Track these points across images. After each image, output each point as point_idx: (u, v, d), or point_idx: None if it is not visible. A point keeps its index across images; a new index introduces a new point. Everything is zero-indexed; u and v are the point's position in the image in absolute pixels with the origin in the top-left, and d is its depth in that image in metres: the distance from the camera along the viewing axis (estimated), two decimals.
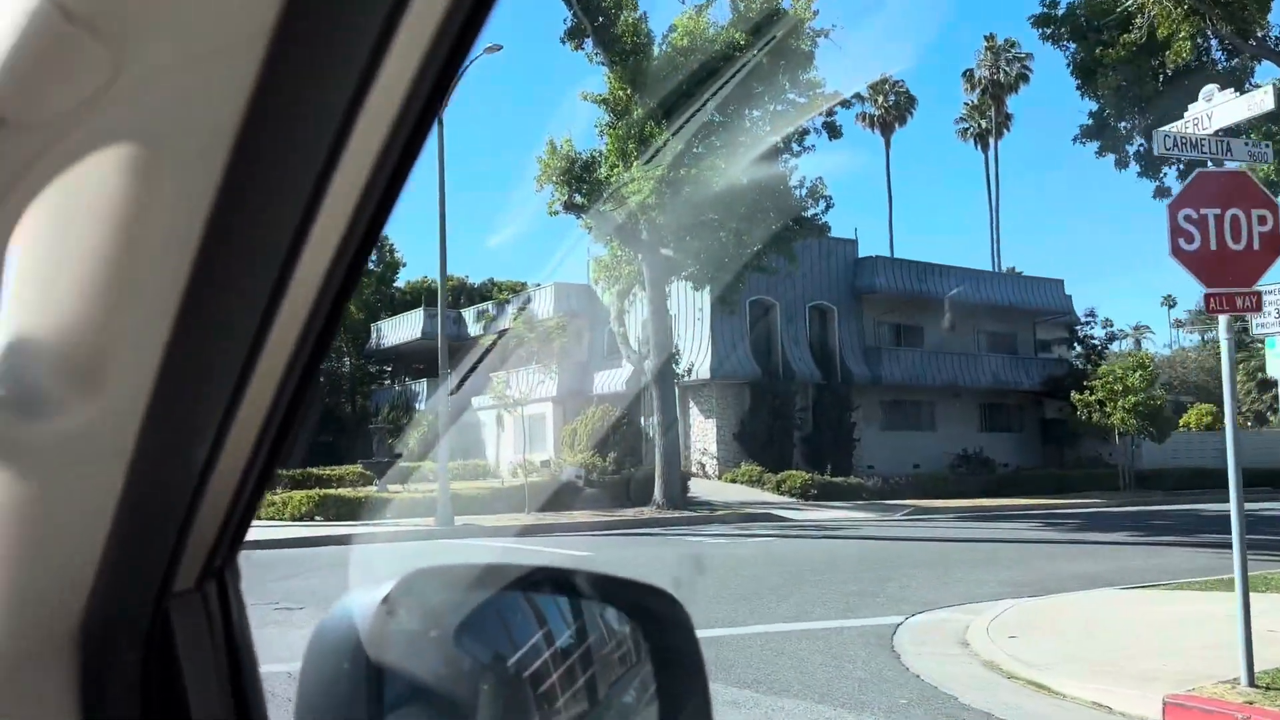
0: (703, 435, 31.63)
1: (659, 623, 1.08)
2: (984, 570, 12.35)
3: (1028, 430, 37.76)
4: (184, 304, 0.61)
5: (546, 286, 35.18)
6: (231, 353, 0.67)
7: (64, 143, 0.54)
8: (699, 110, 20.79)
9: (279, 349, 0.69)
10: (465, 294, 45.80)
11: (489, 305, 40.41)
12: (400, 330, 41.66)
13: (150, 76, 0.52)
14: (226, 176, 0.57)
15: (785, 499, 26.77)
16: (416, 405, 38.20)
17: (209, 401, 0.69)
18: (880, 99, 53.76)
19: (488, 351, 29.90)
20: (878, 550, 15.99)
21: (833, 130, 25.50)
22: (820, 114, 24.42)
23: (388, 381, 44.15)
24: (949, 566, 12.95)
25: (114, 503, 0.72)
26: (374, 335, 43.45)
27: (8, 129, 0.53)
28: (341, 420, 41.42)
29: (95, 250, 0.59)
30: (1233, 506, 5.94)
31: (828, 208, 25.25)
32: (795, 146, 24.83)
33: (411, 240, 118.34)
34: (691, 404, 31.67)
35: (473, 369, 27.64)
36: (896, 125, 55.86)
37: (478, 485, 26.34)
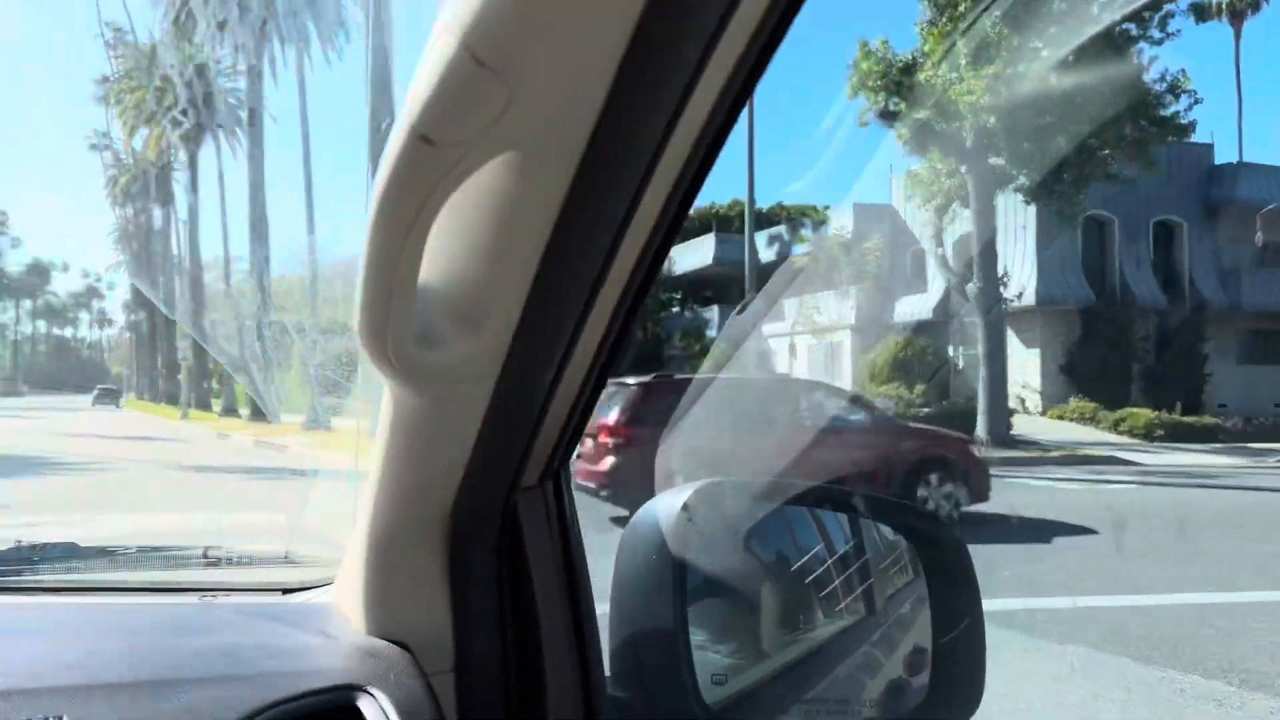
0: (1022, 367, 28.78)
1: (934, 544, 1.16)
2: None
3: None
4: (540, 266, 0.79)
5: (843, 208, 33.21)
6: (573, 302, 0.84)
7: (468, 157, 0.68)
8: None
9: (607, 302, 0.86)
10: (755, 219, 44.60)
11: (781, 229, 39.01)
12: (691, 257, 41.24)
13: (528, 104, 0.65)
14: (576, 171, 0.72)
15: (1126, 439, 23.73)
16: (708, 332, 37.75)
17: (556, 337, 0.87)
18: None
19: (783, 276, 28.66)
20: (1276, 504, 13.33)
21: (1201, 12, 21.63)
22: None
23: (677, 309, 44.07)
24: None
25: (481, 414, 0.91)
26: (665, 263, 43.34)
27: (434, 148, 0.66)
28: (637, 347, 41.90)
29: (478, 229, 0.76)
30: None
31: (1193, 104, 21.59)
32: (1155, 33, 21.29)
33: None
34: (1010, 332, 28.86)
35: (764, 294, 26.51)
36: (1249, 13, 48.01)
37: None
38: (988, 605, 1.13)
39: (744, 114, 0.88)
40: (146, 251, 62.75)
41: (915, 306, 30.31)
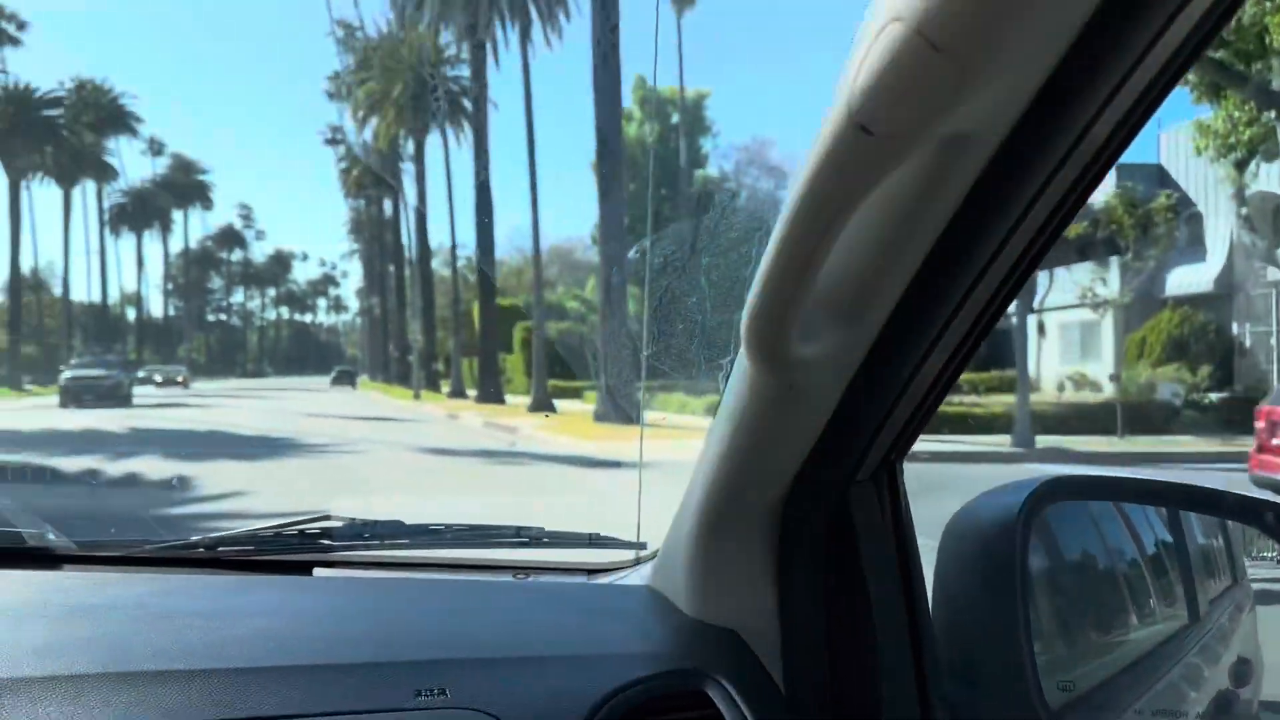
0: None
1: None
2: None
3: None
4: (927, 259, 0.77)
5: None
6: (950, 298, 0.82)
7: (904, 148, 0.66)
8: None
9: (980, 299, 0.83)
10: None
11: None
12: None
13: (973, 94, 0.62)
14: (987, 164, 0.71)
15: None
16: None
17: (924, 332, 0.85)
18: None
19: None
20: None
21: None
22: None
23: None
24: None
25: (833, 405, 0.92)
26: None
27: (873, 139, 0.64)
28: None
29: (878, 220, 0.75)
30: None
31: None
32: None
33: None
34: None
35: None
36: None
37: (1010, 400, 22.95)
38: None
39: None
40: (379, 240, 66.01)
41: (1192, 278, 26.84)
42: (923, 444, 1.09)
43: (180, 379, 41.32)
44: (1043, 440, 16.89)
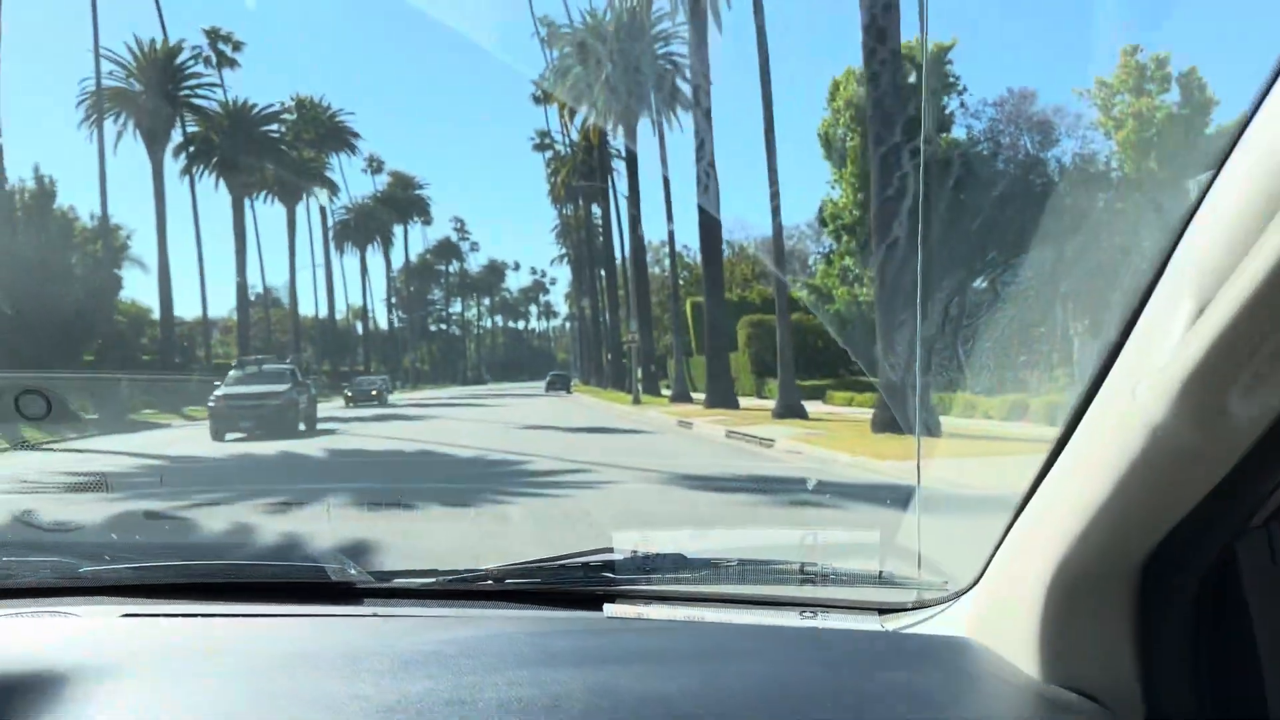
0: None
1: None
2: None
3: None
4: None
5: None
6: None
7: None
8: None
9: None
10: None
11: None
12: None
13: None
14: None
15: None
16: None
17: None
18: None
19: None
20: None
21: None
22: None
23: None
24: None
25: (1243, 451, 0.80)
26: None
27: None
28: None
29: None
30: None
31: None
32: None
33: None
34: None
35: None
36: None
37: None
38: None
39: None
40: (587, 242, 65.17)
41: None
42: None
43: (374, 391, 36.52)
44: None
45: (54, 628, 1.49)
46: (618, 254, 53.92)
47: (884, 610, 1.46)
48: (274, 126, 51.39)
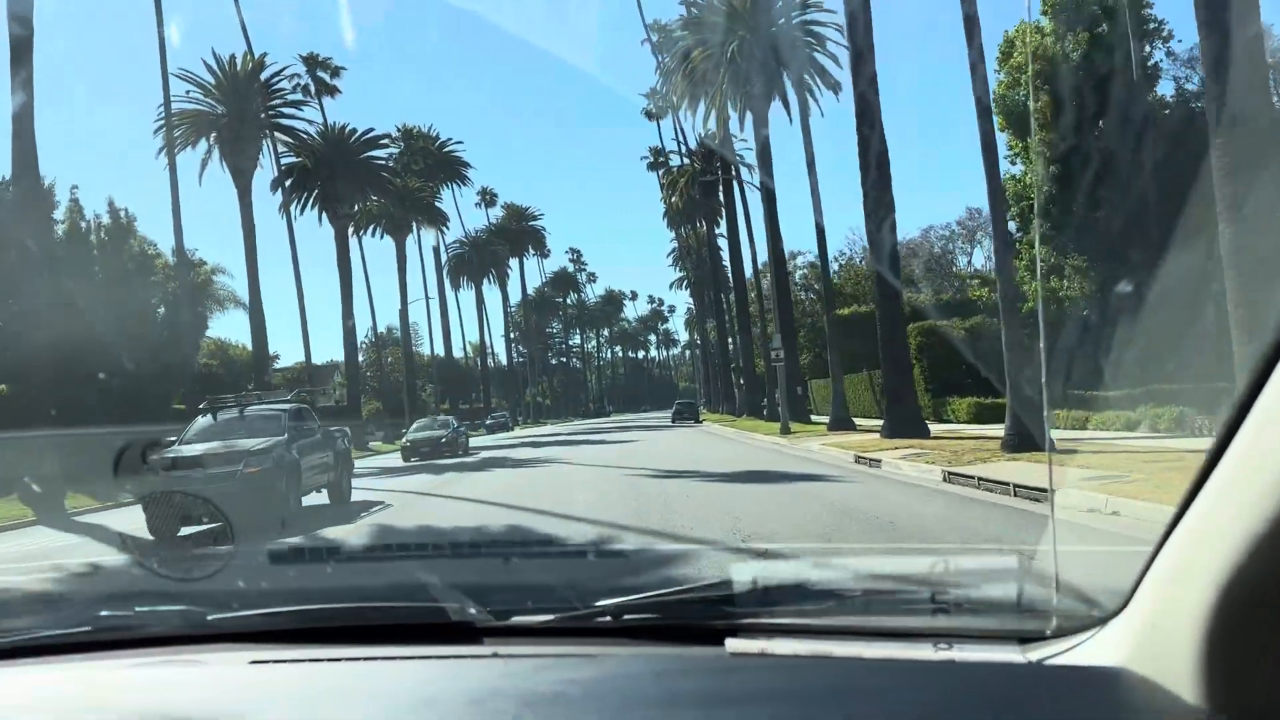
0: None
1: None
2: None
3: None
4: None
5: None
6: None
7: None
8: None
9: None
10: None
11: None
12: None
13: None
14: None
15: None
16: None
17: None
18: None
19: None
20: None
21: None
22: None
23: None
24: None
25: None
26: None
27: None
28: None
29: None
30: None
31: None
32: None
33: None
34: None
35: None
36: None
37: None
38: None
39: None
40: (712, 260, 60.83)
41: None
42: None
43: (443, 439, 29.54)
44: None
45: (185, 677, 1.59)
46: (747, 267, 49.16)
47: (1024, 639, 1.40)
48: (378, 153, 48.56)
